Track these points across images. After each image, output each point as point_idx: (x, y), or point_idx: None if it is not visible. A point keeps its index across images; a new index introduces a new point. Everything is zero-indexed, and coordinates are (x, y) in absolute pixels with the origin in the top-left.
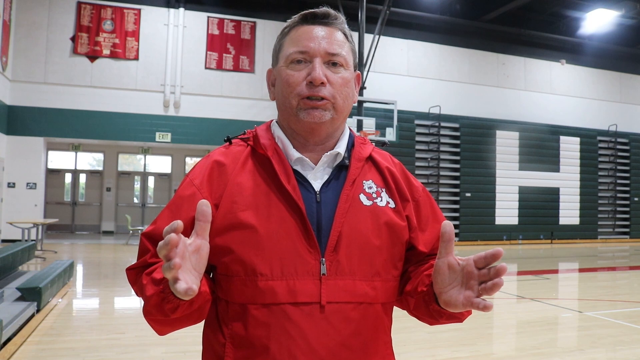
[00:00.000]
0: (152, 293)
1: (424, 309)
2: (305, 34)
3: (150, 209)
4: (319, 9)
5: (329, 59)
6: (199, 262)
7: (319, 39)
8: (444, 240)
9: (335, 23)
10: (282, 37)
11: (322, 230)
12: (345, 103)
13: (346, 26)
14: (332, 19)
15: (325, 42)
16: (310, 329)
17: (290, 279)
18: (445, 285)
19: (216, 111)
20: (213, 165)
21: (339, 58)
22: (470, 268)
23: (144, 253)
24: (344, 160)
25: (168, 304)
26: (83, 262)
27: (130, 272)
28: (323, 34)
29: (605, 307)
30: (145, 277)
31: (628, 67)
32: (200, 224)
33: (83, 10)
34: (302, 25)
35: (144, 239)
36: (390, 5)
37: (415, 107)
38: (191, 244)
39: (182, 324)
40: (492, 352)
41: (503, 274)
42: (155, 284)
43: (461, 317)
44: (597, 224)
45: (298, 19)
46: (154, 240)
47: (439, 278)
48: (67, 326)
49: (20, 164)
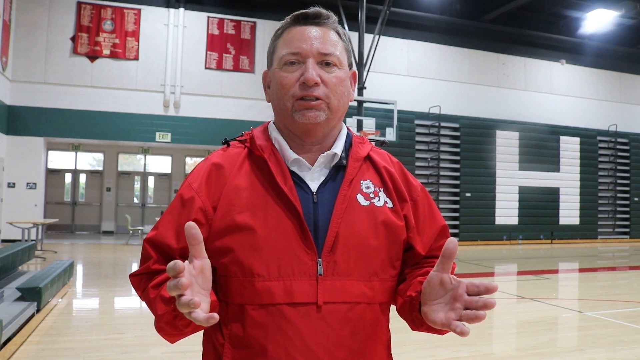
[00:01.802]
0: (164, 312)
1: (407, 313)
2: (298, 35)
3: (150, 209)
4: (310, 10)
5: (322, 59)
6: (205, 281)
7: (312, 39)
8: (444, 256)
9: (327, 22)
10: (275, 39)
11: (319, 231)
12: (340, 102)
13: (339, 25)
14: (324, 18)
15: (318, 43)
16: (307, 329)
17: (287, 279)
18: (431, 299)
19: (216, 111)
20: (211, 168)
21: (332, 58)
22: (460, 291)
23: (146, 259)
24: (341, 161)
25: (181, 320)
26: (83, 262)
27: (134, 278)
28: (315, 34)
29: (605, 307)
30: (152, 291)
31: (628, 67)
32: (194, 248)
33: (83, 10)
34: (295, 26)
35: (146, 245)
36: (390, 5)
37: (415, 107)
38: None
39: (194, 331)
40: (492, 352)
41: (490, 308)
42: (165, 303)
43: (441, 332)
44: (597, 224)
45: (290, 20)
46: (157, 246)
47: (428, 290)
48: (67, 326)
49: (20, 164)
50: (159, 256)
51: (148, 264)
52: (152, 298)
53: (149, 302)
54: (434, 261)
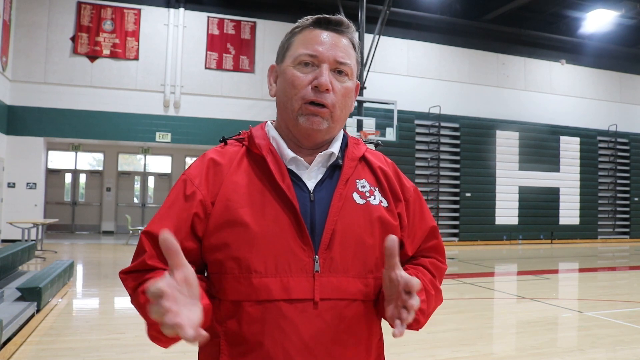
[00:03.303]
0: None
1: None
2: (317, 38)
3: (151, 209)
4: (333, 16)
5: (337, 67)
6: (191, 289)
7: (330, 45)
8: (386, 255)
9: (347, 32)
10: (291, 36)
11: (315, 229)
12: (343, 113)
13: (356, 36)
14: (344, 27)
15: (336, 50)
16: (303, 325)
17: (284, 276)
18: (388, 295)
19: (216, 111)
20: (209, 164)
21: (346, 67)
22: (400, 288)
23: (141, 253)
24: (338, 160)
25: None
26: (83, 262)
27: (126, 277)
28: (334, 41)
29: (605, 307)
30: (142, 296)
31: (628, 67)
32: (173, 259)
33: (83, 10)
34: (315, 28)
35: (144, 238)
36: (390, 5)
37: (415, 107)
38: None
39: None
40: (492, 352)
41: (411, 310)
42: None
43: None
44: (597, 224)
45: (311, 21)
46: (155, 240)
47: (384, 287)
48: (67, 326)
49: (20, 164)
50: (155, 251)
51: (144, 258)
52: (143, 304)
53: (139, 307)
54: (420, 261)
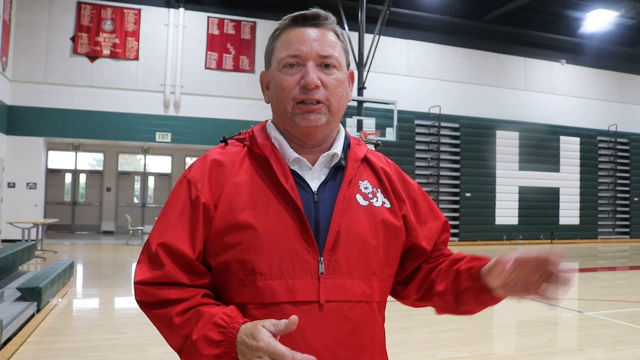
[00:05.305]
0: (209, 354)
1: (472, 300)
2: (297, 37)
3: (151, 209)
4: (308, 11)
5: (322, 61)
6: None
7: (311, 41)
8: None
9: (325, 24)
10: (273, 40)
11: (319, 230)
12: (340, 104)
13: (337, 26)
14: (322, 19)
15: (317, 45)
16: (309, 327)
17: (289, 278)
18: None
19: (216, 111)
20: (212, 165)
21: (332, 60)
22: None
23: (158, 265)
24: (341, 161)
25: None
26: (83, 262)
27: (146, 288)
28: (314, 36)
29: (605, 307)
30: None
31: (628, 67)
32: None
33: (83, 10)
34: (293, 27)
35: (160, 251)
36: (390, 5)
37: (415, 107)
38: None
39: None
40: (492, 352)
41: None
42: (214, 346)
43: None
44: (597, 224)
45: (288, 21)
46: (172, 253)
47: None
48: (67, 326)
49: (20, 164)
50: (174, 265)
51: (166, 271)
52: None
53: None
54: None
